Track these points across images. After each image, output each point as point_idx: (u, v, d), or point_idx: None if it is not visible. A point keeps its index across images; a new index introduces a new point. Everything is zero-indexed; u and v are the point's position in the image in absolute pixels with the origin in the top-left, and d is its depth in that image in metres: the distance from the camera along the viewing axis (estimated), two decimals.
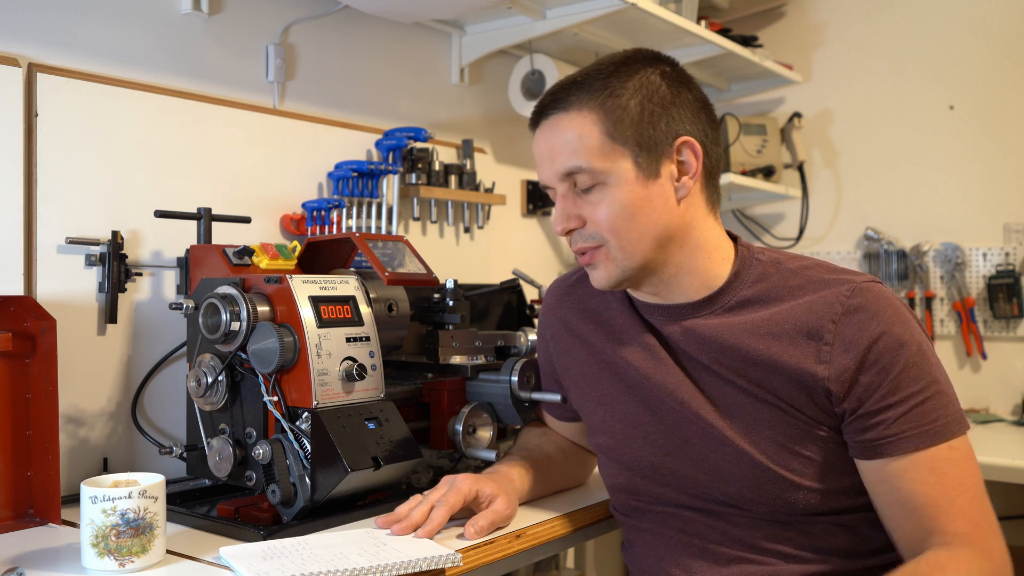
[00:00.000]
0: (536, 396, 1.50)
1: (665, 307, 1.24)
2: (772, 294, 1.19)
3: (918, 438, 1.12)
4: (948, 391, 1.15)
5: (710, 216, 1.23)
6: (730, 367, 1.18)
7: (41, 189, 1.45)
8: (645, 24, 2.21)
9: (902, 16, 2.76)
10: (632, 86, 1.17)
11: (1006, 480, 1.98)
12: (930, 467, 1.11)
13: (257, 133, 1.79)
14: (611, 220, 1.16)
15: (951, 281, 2.65)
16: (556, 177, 1.19)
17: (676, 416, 1.23)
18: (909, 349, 1.13)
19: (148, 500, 1.09)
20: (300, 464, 1.26)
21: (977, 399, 2.63)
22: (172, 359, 1.60)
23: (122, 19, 1.60)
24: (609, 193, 1.16)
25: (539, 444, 1.47)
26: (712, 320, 1.21)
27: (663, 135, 1.17)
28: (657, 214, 1.17)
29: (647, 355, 1.25)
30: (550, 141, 1.19)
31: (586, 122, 1.16)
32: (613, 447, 1.30)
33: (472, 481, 1.26)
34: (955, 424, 1.13)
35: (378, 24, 2.08)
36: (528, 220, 2.57)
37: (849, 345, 1.13)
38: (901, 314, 1.15)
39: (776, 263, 1.23)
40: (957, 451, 1.12)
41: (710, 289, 1.21)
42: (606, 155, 1.15)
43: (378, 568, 1.05)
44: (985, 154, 2.63)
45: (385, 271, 1.38)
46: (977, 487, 1.14)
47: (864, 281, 1.17)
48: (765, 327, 1.17)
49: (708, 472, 1.21)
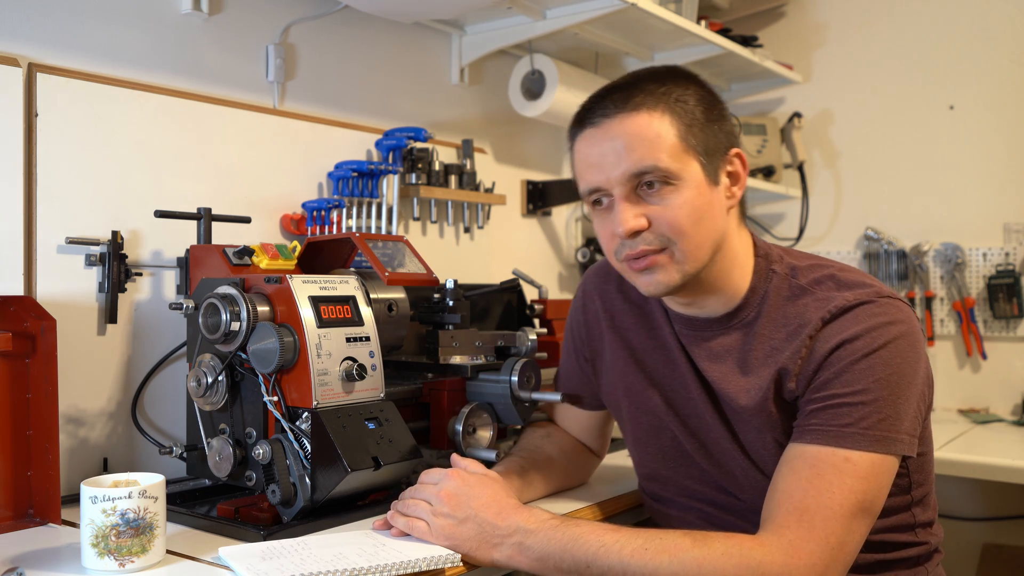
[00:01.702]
0: (536, 396, 1.50)
1: (690, 319, 1.27)
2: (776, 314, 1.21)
3: (819, 434, 1.10)
4: (880, 408, 1.10)
5: (742, 227, 1.26)
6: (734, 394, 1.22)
7: (41, 189, 1.45)
8: (645, 24, 2.21)
9: (902, 16, 2.76)
10: (693, 95, 1.19)
11: (1006, 480, 1.98)
12: (811, 463, 1.09)
13: (257, 133, 1.79)
14: (681, 222, 1.15)
15: (951, 281, 2.65)
16: (624, 176, 1.16)
17: (696, 423, 1.28)
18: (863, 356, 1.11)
19: (148, 500, 1.09)
20: (300, 464, 1.26)
21: (977, 399, 2.63)
22: (172, 359, 1.60)
23: (122, 19, 1.60)
24: (680, 195, 1.15)
25: (540, 445, 1.47)
26: (726, 339, 1.24)
27: (722, 144, 1.20)
28: (717, 222, 1.19)
29: (675, 365, 1.30)
30: (616, 140, 1.16)
31: (662, 122, 1.15)
32: (640, 437, 1.35)
33: None
34: (868, 440, 1.09)
35: (378, 24, 2.08)
36: (528, 220, 2.57)
37: (815, 356, 1.14)
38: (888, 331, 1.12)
39: (790, 275, 1.23)
40: (852, 464, 1.08)
41: (734, 302, 1.24)
42: (679, 157, 1.15)
43: (377, 568, 1.05)
44: (985, 154, 2.63)
45: (385, 271, 1.38)
46: (843, 503, 1.06)
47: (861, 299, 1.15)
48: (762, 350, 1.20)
49: (724, 477, 1.27)
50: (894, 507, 1.21)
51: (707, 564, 1.04)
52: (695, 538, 1.07)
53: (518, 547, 1.11)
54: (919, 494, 1.26)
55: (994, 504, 2.53)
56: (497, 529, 1.12)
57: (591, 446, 1.54)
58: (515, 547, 1.11)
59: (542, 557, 1.10)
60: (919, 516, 1.26)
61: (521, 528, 1.12)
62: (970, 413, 2.55)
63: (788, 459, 1.13)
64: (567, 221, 2.71)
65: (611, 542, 1.08)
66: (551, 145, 2.68)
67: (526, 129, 2.55)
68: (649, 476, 1.38)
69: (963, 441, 2.19)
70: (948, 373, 2.67)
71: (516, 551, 1.11)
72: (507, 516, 1.13)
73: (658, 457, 1.34)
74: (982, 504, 2.55)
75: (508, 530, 1.12)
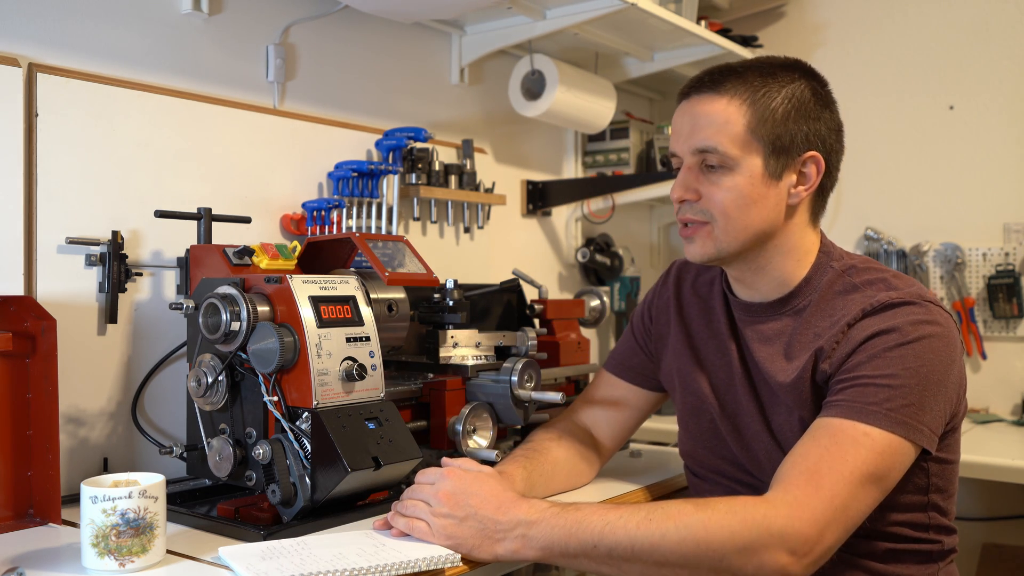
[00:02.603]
0: (536, 396, 1.50)
1: (747, 304, 1.35)
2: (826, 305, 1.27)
3: (843, 408, 1.15)
4: (906, 395, 1.14)
5: (809, 226, 1.32)
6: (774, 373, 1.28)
7: (41, 189, 1.45)
8: (645, 24, 2.22)
9: (902, 16, 2.77)
10: (786, 92, 1.26)
11: (1006, 480, 1.98)
12: (832, 433, 1.13)
13: (257, 133, 1.79)
14: (726, 204, 1.25)
15: (951, 281, 2.65)
16: (690, 150, 1.26)
17: (734, 406, 1.35)
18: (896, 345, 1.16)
19: (148, 500, 1.09)
20: (300, 464, 1.26)
21: (977, 399, 2.63)
22: (172, 359, 1.60)
23: (122, 19, 1.60)
24: (733, 179, 1.24)
25: (547, 447, 1.47)
26: (777, 323, 1.31)
27: (797, 145, 1.26)
28: (766, 213, 1.26)
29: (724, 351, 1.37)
30: (695, 117, 1.27)
31: (734, 110, 1.24)
32: (684, 417, 1.44)
33: None
34: (890, 421, 1.12)
35: (378, 24, 2.08)
36: (528, 220, 2.57)
37: (851, 340, 1.19)
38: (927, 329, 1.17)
39: (846, 273, 1.29)
40: (870, 439, 1.12)
41: (786, 288, 1.31)
42: (742, 146, 1.24)
43: (377, 568, 1.05)
44: (985, 154, 2.63)
45: (385, 271, 1.38)
46: (855, 471, 1.10)
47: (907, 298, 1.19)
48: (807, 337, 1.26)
49: (749, 459, 1.33)
50: (909, 504, 1.24)
51: (712, 523, 1.07)
52: (697, 503, 1.11)
53: (522, 539, 1.12)
54: (937, 499, 1.27)
55: (994, 504, 2.53)
56: (499, 524, 1.12)
57: (609, 436, 1.55)
58: (519, 540, 1.12)
59: (547, 546, 1.11)
60: (934, 519, 1.27)
61: (523, 520, 1.12)
62: (970, 413, 2.55)
63: (811, 429, 1.17)
64: (567, 221, 2.71)
65: (615, 519, 1.10)
66: (551, 145, 2.68)
67: (526, 129, 2.55)
68: (687, 453, 1.46)
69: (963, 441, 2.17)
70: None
71: (520, 544, 1.12)
72: (507, 510, 1.13)
73: (696, 436, 1.41)
74: (982, 504, 2.55)
75: (510, 524, 1.12)
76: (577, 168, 2.77)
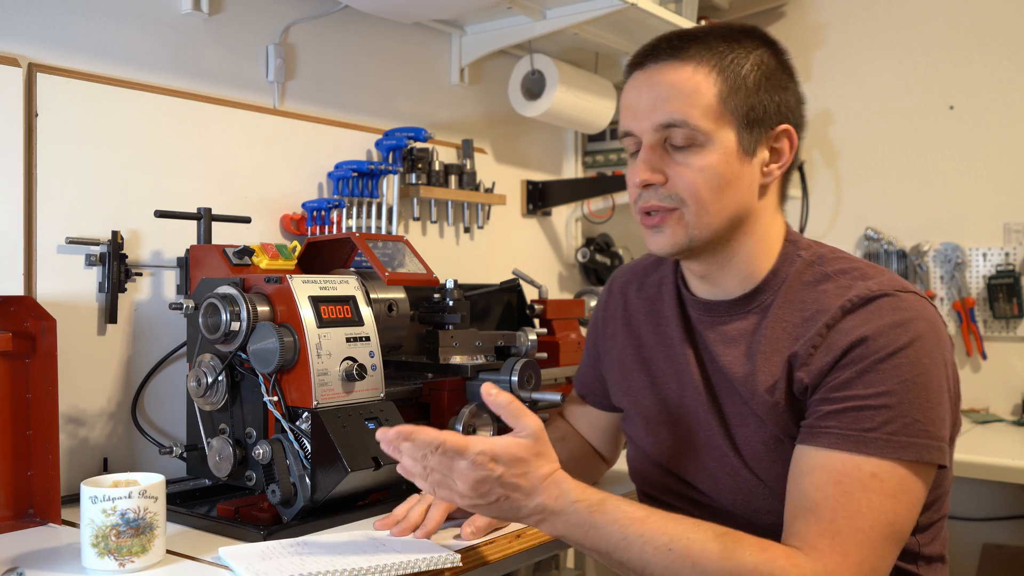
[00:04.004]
0: (536, 396, 1.50)
1: (707, 303, 1.23)
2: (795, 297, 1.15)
3: (840, 439, 1.03)
4: (907, 412, 1.03)
5: (778, 210, 1.21)
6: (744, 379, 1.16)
7: (41, 189, 1.45)
8: (645, 24, 2.22)
9: (902, 16, 2.76)
10: (753, 60, 1.13)
11: (1006, 480, 1.98)
12: (837, 479, 1.02)
13: (257, 133, 1.79)
14: (697, 185, 1.11)
15: (951, 281, 2.65)
16: (652, 126, 1.12)
17: (691, 420, 1.24)
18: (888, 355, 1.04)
19: (148, 500, 1.09)
20: (300, 464, 1.26)
21: (977, 399, 2.63)
22: (172, 359, 1.60)
23: (122, 19, 1.60)
24: (704, 157, 1.10)
25: None
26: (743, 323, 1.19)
27: (770, 117, 1.14)
28: (741, 195, 1.14)
29: (678, 357, 1.25)
30: (657, 87, 1.12)
31: (704, 79, 1.10)
32: (634, 436, 1.34)
33: None
34: (894, 446, 1.02)
35: (378, 24, 2.08)
36: (528, 220, 2.57)
37: (831, 347, 1.08)
38: (911, 327, 1.06)
39: (816, 262, 1.17)
40: (879, 481, 1.01)
41: (753, 282, 1.18)
42: (714, 118, 1.10)
43: (377, 568, 1.05)
44: (985, 154, 2.63)
45: (385, 271, 1.38)
46: (875, 527, 1.00)
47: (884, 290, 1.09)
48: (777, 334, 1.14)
49: (708, 480, 1.22)
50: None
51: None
52: (724, 545, 0.99)
53: (540, 522, 1.05)
54: (927, 519, 1.17)
55: (994, 504, 2.53)
56: (522, 508, 1.04)
57: (602, 450, 1.51)
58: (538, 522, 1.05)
59: (564, 535, 1.05)
60: (924, 547, 1.19)
61: (546, 507, 1.04)
62: (970, 413, 2.55)
63: (807, 467, 1.05)
64: (567, 221, 2.71)
65: (635, 536, 1.01)
66: (551, 145, 2.68)
67: (526, 129, 2.55)
68: (639, 475, 1.35)
69: (963, 441, 2.19)
70: None
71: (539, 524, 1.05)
72: (534, 495, 1.03)
73: (649, 456, 1.31)
74: (982, 504, 2.55)
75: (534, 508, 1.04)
76: (577, 168, 2.77)
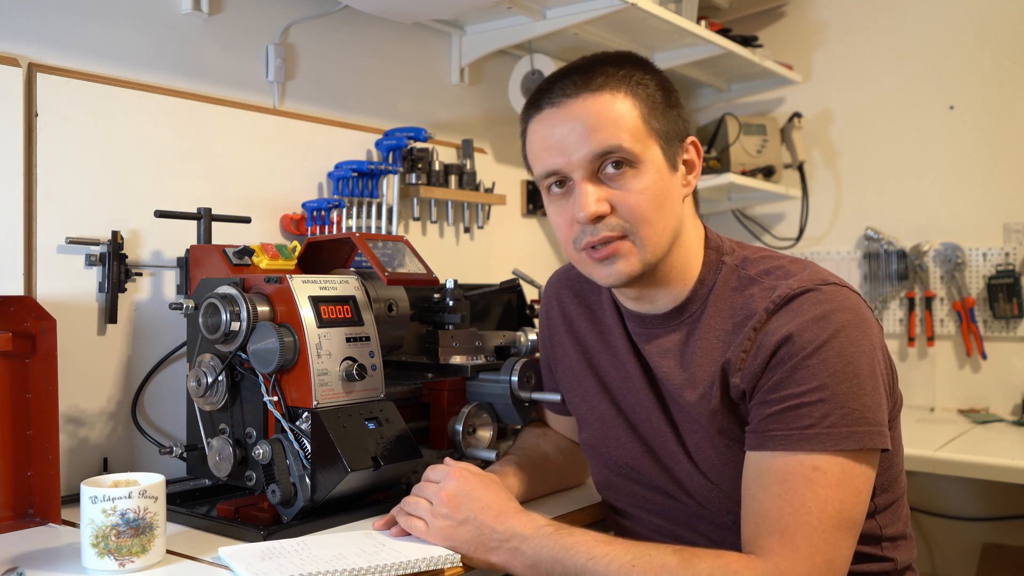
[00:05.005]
0: (536, 396, 1.50)
1: (640, 317, 1.24)
2: (723, 304, 1.17)
3: (781, 440, 1.05)
4: (842, 403, 1.05)
5: (695, 217, 1.23)
6: (682, 391, 1.18)
7: (41, 189, 1.45)
8: (645, 24, 2.21)
9: (902, 16, 2.76)
10: (649, 81, 1.16)
11: (1006, 480, 1.98)
12: (781, 477, 1.05)
13: (257, 133, 1.79)
14: (642, 207, 1.12)
15: (951, 281, 2.65)
16: (587, 158, 1.12)
17: (644, 426, 1.26)
18: (814, 350, 1.06)
19: (148, 500, 1.09)
20: (300, 464, 1.26)
21: (977, 399, 2.63)
22: (172, 359, 1.60)
23: (122, 19, 1.60)
24: (641, 179, 1.12)
25: (537, 444, 1.47)
26: (676, 335, 1.21)
27: (680, 131, 1.17)
28: (676, 208, 1.16)
29: (623, 365, 1.27)
30: (581, 119, 1.12)
31: (625, 104, 1.13)
32: (593, 444, 1.33)
33: None
34: (833, 438, 1.04)
35: (378, 24, 2.08)
36: (528, 220, 2.57)
37: (760, 349, 1.10)
38: (833, 319, 1.07)
39: (739, 267, 1.19)
40: (821, 473, 1.03)
41: (682, 295, 1.20)
42: (642, 139, 1.13)
43: (377, 568, 1.05)
44: (985, 154, 2.63)
45: (385, 271, 1.38)
46: (823, 518, 1.02)
47: (804, 286, 1.10)
48: (709, 342, 1.16)
49: (671, 482, 1.24)
50: None
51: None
52: (683, 557, 1.04)
53: (513, 552, 1.11)
54: (884, 501, 1.20)
55: (994, 504, 2.53)
56: (495, 533, 1.12)
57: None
58: (510, 552, 1.11)
59: (535, 564, 1.10)
60: (885, 528, 1.21)
61: (517, 534, 1.11)
62: (970, 413, 2.55)
63: (755, 473, 1.08)
64: None
65: (600, 555, 1.06)
66: None
67: None
68: (604, 486, 1.36)
69: (963, 441, 2.19)
70: (948, 373, 2.67)
71: (511, 556, 1.11)
72: (505, 520, 1.13)
73: (611, 464, 1.31)
74: (982, 504, 2.55)
75: (505, 535, 1.12)
76: None
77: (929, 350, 2.69)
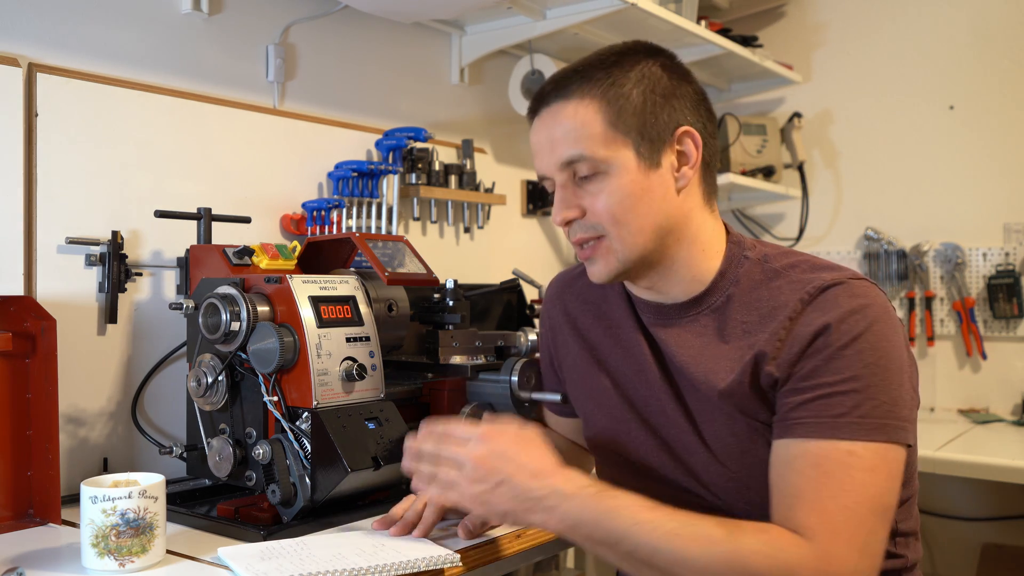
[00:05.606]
0: (536, 396, 1.50)
1: (657, 306, 1.24)
2: (749, 296, 1.18)
3: (814, 427, 1.06)
4: (874, 395, 1.06)
5: (706, 209, 1.22)
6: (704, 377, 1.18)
7: (41, 189, 1.45)
8: (645, 24, 2.21)
9: (902, 16, 2.77)
10: (634, 76, 1.16)
11: (1006, 480, 1.98)
12: (816, 462, 1.05)
13: (257, 133, 1.79)
14: (611, 210, 1.15)
15: (951, 281, 2.66)
16: (556, 166, 1.17)
17: (658, 419, 1.24)
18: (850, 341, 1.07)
19: (148, 500, 1.09)
20: (300, 464, 1.26)
21: (977, 399, 2.63)
22: (172, 359, 1.60)
23: (122, 19, 1.60)
24: (610, 183, 1.14)
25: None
26: (696, 325, 1.21)
27: (665, 125, 1.17)
28: (657, 204, 1.16)
29: (635, 357, 1.26)
30: (551, 130, 1.18)
31: (588, 111, 1.15)
32: (602, 442, 1.32)
33: None
34: (865, 429, 1.04)
35: (378, 24, 2.08)
36: (528, 220, 2.57)
37: (797, 338, 1.10)
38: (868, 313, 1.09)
39: (763, 260, 1.20)
40: (856, 457, 1.04)
41: (701, 286, 1.21)
42: (607, 144, 1.14)
43: (377, 568, 1.05)
44: (985, 154, 2.63)
45: (385, 271, 1.38)
46: (860, 501, 1.02)
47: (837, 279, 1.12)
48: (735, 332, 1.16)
49: (686, 475, 1.22)
50: None
51: (737, 561, 1.00)
52: (729, 529, 1.02)
53: (551, 511, 1.06)
54: (901, 497, 1.18)
55: (994, 504, 2.53)
56: (532, 492, 1.06)
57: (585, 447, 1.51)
58: (548, 511, 1.06)
59: (575, 524, 1.05)
60: (900, 524, 1.21)
61: (558, 491, 1.06)
62: (970, 413, 2.56)
63: (786, 458, 1.08)
64: None
65: (645, 521, 1.03)
66: None
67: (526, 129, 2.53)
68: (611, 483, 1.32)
69: (963, 441, 2.19)
70: (948, 373, 2.67)
71: (548, 515, 1.06)
72: (544, 477, 1.07)
73: (620, 461, 1.29)
74: (982, 504, 2.55)
75: (543, 491, 1.06)
76: None
77: (929, 350, 2.70)
